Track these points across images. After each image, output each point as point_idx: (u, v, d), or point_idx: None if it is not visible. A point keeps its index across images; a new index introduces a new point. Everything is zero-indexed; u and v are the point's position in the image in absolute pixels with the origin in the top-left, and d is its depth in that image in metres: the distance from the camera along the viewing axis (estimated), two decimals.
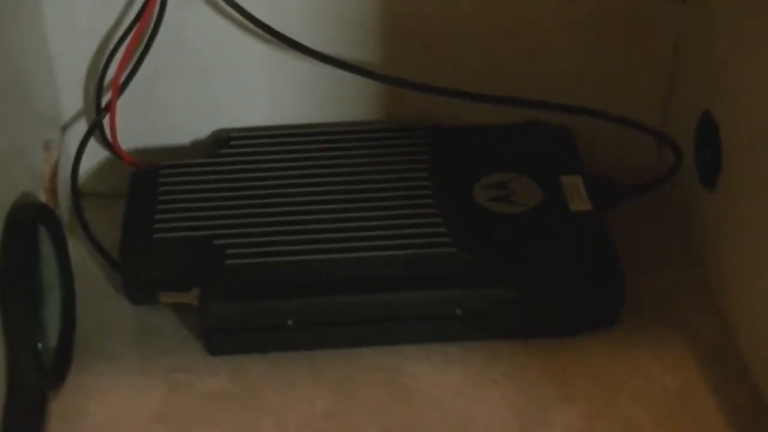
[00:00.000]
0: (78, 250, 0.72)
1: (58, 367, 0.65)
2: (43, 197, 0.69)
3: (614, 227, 0.70)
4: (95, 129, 0.74)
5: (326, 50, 0.73)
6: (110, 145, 0.75)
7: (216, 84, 0.75)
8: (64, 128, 0.76)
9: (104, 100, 0.73)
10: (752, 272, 0.66)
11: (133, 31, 0.71)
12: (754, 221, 0.65)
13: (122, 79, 0.72)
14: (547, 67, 0.76)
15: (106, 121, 0.74)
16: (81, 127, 0.75)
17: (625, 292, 0.67)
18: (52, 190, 0.71)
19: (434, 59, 0.75)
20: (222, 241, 0.68)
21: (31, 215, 0.63)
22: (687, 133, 0.74)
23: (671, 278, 0.72)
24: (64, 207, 0.74)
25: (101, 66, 0.73)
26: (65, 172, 0.74)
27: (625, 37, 0.75)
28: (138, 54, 0.72)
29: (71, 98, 0.75)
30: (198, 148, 0.77)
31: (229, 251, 0.67)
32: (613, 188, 0.73)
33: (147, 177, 0.73)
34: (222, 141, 0.75)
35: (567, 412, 0.64)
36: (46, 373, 0.63)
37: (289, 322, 0.66)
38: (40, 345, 0.63)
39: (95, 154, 0.76)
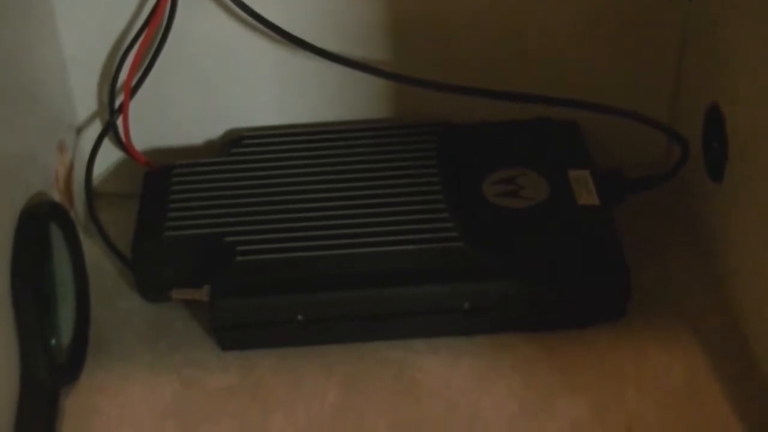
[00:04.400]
0: (93, 249, 0.74)
1: (71, 364, 0.66)
2: (57, 198, 0.70)
3: (623, 220, 0.71)
4: (108, 130, 0.75)
5: (335, 49, 0.74)
6: (124, 146, 0.76)
7: (227, 84, 0.76)
8: (79, 130, 0.77)
9: (117, 102, 0.75)
10: (760, 263, 0.66)
11: (144, 33, 0.72)
12: (761, 211, 0.65)
13: (134, 81, 0.74)
14: (555, 64, 0.76)
15: (120, 123, 0.75)
16: (95, 129, 0.76)
17: (632, 285, 0.68)
18: (67, 191, 0.73)
19: (442, 57, 0.76)
20: (232, 238, 0.69)
21: (43, 213, 0.64)
22: (694, 126, 0.74)
23: (679, 271, 0.72)
24: (79, 208, 0.75)
25: (114, 68, 0.74)
26: (80, 174, 0.75)
27: (632, 33, 0.75)
28: (149, 56, 0.73)
29: (85, 100, 0.76)
30: (210, 147, 0.78)
31: (240, 248, 0.68)
32: (621, 182, 0.74)
33: (160, 176, 0.74)
34: (234, 140, 0.76)
35: (574, 405, 0.65)
36: (58, 370, 0.64)
37: (299, 317, 0.67)
38: (53, 342, 0.64)
39: (109, 156, 0.77)
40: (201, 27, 0.74)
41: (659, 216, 0.76)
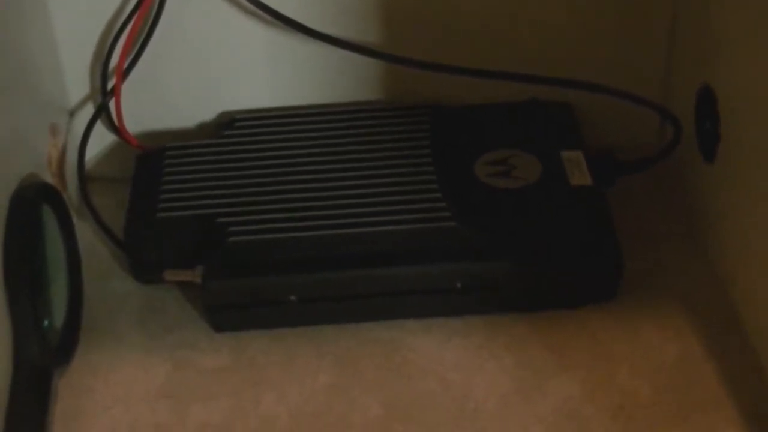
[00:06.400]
0: (86, 232, 0.74)
1: (64, 346, 0.66)
2: (50, 181, 0.70)
3: (616, 202, 0.71)
4: (101, 113, 0.75)
5: (327, 30, 0.74)
6: (116, 129, 0.76)
7: (219, 67, 0.76)
8: (72, 113, 0.77)
9: (110, 85, 0.75)
10: (751, 242, 0.66)
11: (136, 15, 0.72)
12: (753, 191, 0.65)
13: (126, 63, 0.74)
14: (547, 44, 0.76)
15: (112, 106, 0.75)
16: (88, 112, 0.76)
17: (624, 265, 0.68)
18: (60, 175, 0.72)
19: (435, 37, 0.75)
20: (225, 219, 0.69)
21: (35, 195, 0.64)
22: (686, 106, 0.74)
23: (671, 251, 0.72)
24: (72, 191, 0.75)
25: (106, 51, 0.74)
26: (72, 157, 0.75)
27: (623, 12, 0.75)
28: (141, 38, 0.73)
29: (77, 83, 0.76)
30: (203, 130, 0.78)
31: (232, 229, 0.68)
32: (614, 163, 0.74)
33: (152, 158, 0.74)
34: (226, 123, 0.76)
35: (566, 383, 0.65)
36: (51, 351, 0.64)
37: (292, 297, 0.67)
38: (46, 324, 0.64)
39: (102, 139, 0.77)
40: (193, 8, 0.73)
41: (652, 197, 0.76)
